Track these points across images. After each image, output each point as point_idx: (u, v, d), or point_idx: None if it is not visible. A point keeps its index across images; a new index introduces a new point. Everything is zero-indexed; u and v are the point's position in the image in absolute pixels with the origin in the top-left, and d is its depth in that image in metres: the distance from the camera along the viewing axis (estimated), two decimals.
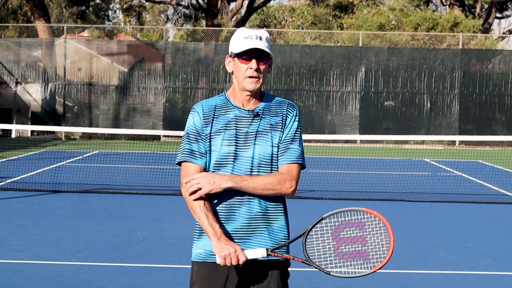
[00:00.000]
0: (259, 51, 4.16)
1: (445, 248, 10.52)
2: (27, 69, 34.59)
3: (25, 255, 9.41)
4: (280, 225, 4.27)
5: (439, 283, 8.47)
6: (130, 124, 33.54)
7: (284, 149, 4.25)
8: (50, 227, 11.46)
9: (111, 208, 13.60)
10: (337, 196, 15.63)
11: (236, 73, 4.22)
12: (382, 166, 22.93)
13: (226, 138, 4.18)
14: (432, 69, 33.97)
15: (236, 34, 4.23)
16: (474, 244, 10.89)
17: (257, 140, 4.18)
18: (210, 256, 4.19)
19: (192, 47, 35.71)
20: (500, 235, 11.85)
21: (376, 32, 39.59)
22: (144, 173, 18.96)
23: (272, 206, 4.21)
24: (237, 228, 4.17)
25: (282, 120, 4.25)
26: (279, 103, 4.31)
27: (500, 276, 8.99)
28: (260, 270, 4.22)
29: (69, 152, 26.19)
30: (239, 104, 4.25)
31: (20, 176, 17.86)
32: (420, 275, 8.95)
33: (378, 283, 8.35)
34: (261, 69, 4.19)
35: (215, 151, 4.19)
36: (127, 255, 9.56)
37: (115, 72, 35.23)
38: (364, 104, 33.70)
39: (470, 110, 33.81)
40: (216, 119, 4.21)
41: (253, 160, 4.16)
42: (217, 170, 4.17)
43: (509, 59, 35.26)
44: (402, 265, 9.35)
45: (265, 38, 4.20)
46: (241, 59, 4.19)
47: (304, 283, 8.18)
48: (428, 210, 14.42)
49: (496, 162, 25.27)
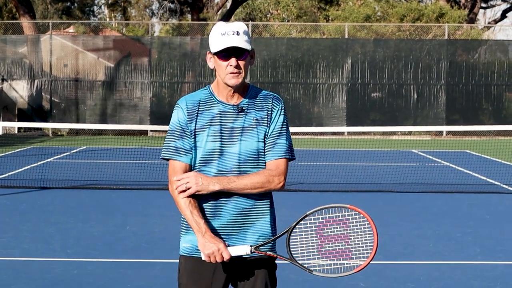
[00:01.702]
0: (237, 48, 4.12)
1: (434, 239, 10.56)
2: (13, 66, 34.46)
3: (14, 252, 9.39)
4: (266, 221, 4.26)
5: (428, 274, 8.49)
6: (117, 120, 33.48)
7: (271, 144, 4.23)
8: (39, 223, 11.43)
9: (100, 204, 13.57)
10: (326, 188, 15.65)
11: (218, 70, 4.18)
12: (370, 157, 22.98)
13: (211, 134, 4.15)
14: (418, 60, 34.03)
15: (213, 30, 4.17)
16: (463, 234, 10.93)
17: (243, 136, 4.16)
18: (197, 250, 4.19)
19: (178, 42, 35.67)
20: (488, 224, 11.90)
21: (362, 24, 39.60)
22: (132, 168, 18.93)
23: (259, 202, 4.20)
24: (223, 224, 4.16)
25: (267, 115, 4.22)
26: (264, 96, 4.27)
27: (489, 265, 9.03)
28: (247, 264, 4.22)
29: (57, 148, 26.12)
30: (223, 99, 4.22)
31: (7, 173, 17.81)
32: (409, 265, 8.98)
33: (368, 275, 8.37)
34: (241, 65, 4.14)
35: (200, 147, 4.16)
36: (116, 250, 9.55)
37: (101, 67, 35.15)
38: (351, 96, 33.73)
39: (456, 100, 33.89)
40: (201, 115, 4.18)
41: (239, 156, 4.14)
42: (203, 166, 4.15)
43: (495, 49, 35.35)
44: (392, 256, 9.37)
45: (243, 31, 4.13)
46: (220, 58, 4.15)
47: (293, 276, 8.19)
48: (416, 200, 14.45)
49: (484, 152, 25.35)
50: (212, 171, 4.13)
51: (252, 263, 4.22)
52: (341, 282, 8.09)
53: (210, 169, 4.14)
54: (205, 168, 4.15)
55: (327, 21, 48.39)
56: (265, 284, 4.24)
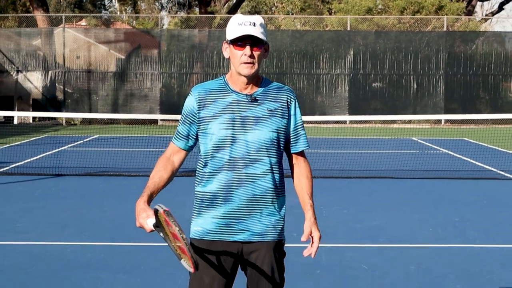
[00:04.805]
0: (253, 37, 4.11)
1: (433, 223, 10.57)
2: (28, 57, 34.49)
3: (30, 236, 9.44)
4: (275, 209, 4.25)
5: (428, 256, 8.51)
6: (128, 109, 33.51)
7: (296, 136, 4.29)
8: (54, 209, 11.47)
9: (112, 190, 13.62)
10: (328, 174, 15.66)
11: (232, 59, 4.18)
12: (371, 145, 22.98)
13: (224, 121, 4.14)
14: (418, 51, 33.97)
15: (231, 20, 4.18)
16: (461, 219, 10.94)
17: (256, 125, 4.14)
18: (207, 234, 4.20)
19: (187, 34, 35.63)
20: (485, 209, 11.91)
21: (363, 16, 39.50)
22: (143, 155, 18.96)
23: (271, 189, 4.19)
24: (234, 209, 4.15)
25: (283, 107, 4.22)
26: (277, 88, 4.27)
27: (487, 249, 9.04)
28: (255, 249, 4.22)
29: (70, 137, 26.16)
30: (237, 89, 4.21)
31: (23, 161, 17.85)
32: (410, 248, 9.00)
33: (368, 256, 8.40)
34: (255, 55, 4.13)
35: (213, 134, 4.16)
36: (129, 234, 9.58)
37: (112, 59, 35.15)
38: (353, 86, 33.70)
39: (455, 90, 33.84)
40: (214, 103, 4.17)
41: (252, 144, 4.14)
42: (216, 152, 4.15)
43: (491, 40, 35.28)
44: (393, 240, 9.39)
45: (259, 24, 4.13)
46: (235, 46, 4.14)
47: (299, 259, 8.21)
48: (416, 186, 14.46)
49: (481, 140, 25.33)
50: (225, 157, 4.14)
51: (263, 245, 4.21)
52: (343, 264, 8.12)
53: (222, 155, 4.14)
54: (217, 154, 4.15)
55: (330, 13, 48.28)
56: (271, 270, 4.22)
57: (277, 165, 4.22)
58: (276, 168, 4.20)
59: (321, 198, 12.70)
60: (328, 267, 7.98)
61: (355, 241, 9.34)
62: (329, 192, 13.38)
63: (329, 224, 10.40)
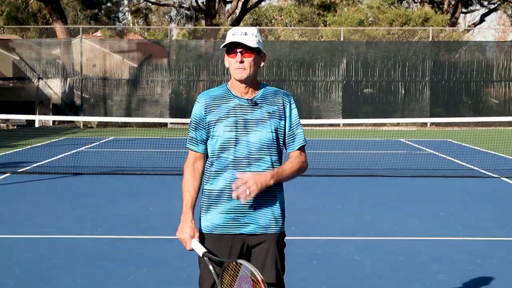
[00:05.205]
0: (242, 44, 4.12)
1: (420, 217, 10.56)
2: (48, 66, 34.51)
3: (51, 230, 9.43)
4: (277, 204, 4.26)
5: (415, 248, 8.51)
6: (140, 113, 33.53)
7: (292, 135, 4.27)
8: (73, 205, 11.47)
9: (126, 188, 13.61)
10: (324, 173, 15.65)
11: (229, 67, 4.22)
12: (363, 146, 22.97)
13: (228, 124, 4.16)
14: (405, 59, 33.96)
15: (228, 33, 4.23)
16: (445, 214, 10.93)
17: (257, 127, 4.15)
18: (216, 228, 4.22)
19: (194, 44, 35.65)
20: (468, 205, 11.89)
21: (356, 28, 39.48)
22: (154, 156, 18.96)
23: (272, 186, 4.18)
24: (239, 204, 4.17)
25: (280, 109, 4.22)
26: (274, 92, 4.28)
27: (469, 241, 9.03)
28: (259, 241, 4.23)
29: (87, 139, 26.16)
30: (238, 94, 4.22)
31: (44, 161, 17.85)
32: (398, 241, 8.99)
33: (361, 249, 8.39)
34: (245, 61, 4.14)
35: (218, 136, 4.17)
36: (141, 228, 9.58)
37: (126, 67, 35.16)
38: (346, 92, 33.70)
39: (439, 95, 33.83)
40: (218, 108, 4.19)
41: (254, 144, 4.15)
42: (221, 153, 4.17)
43: (474, 49, 35.25)
44: (383, 233, 9.39)
45: (251, 33, 4.14)
46: (229, 55, 4.18)
47: (297, 250, 8.21)
48: (404, 184, 14.45)
49: (464, 141, 25.31)
50: (230, 157, 4.15)
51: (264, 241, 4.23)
52: (337, 255, 8.11)
53: (227, 155, 4.16)
54: (223, 155, 4.17)
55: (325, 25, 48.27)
56: (275, 261, 4.24)
57: (278, 162, 4.23)
58: (277, 166, 4.21)
59: (316, 194, 12.69)
60: (324, 258, 7.97)
61: (349, 234, 9.34)
62: (324, 189, 13.37)
63: (324, 219, 10.40)
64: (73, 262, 7.68)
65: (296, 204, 11.33)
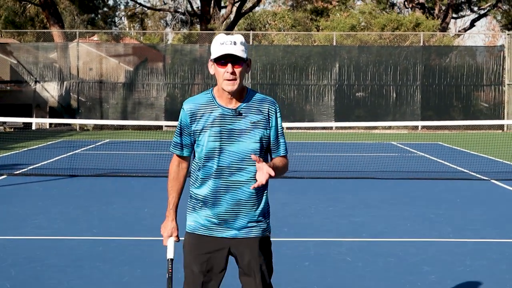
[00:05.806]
0: (234, 56, 4.06)
1: (411, 219, 10.55)
2: (45, 69, 34.47)
3: (46, 231, 9.39)
4: (259, 210, 4.23)
5: (407, 249, 8.49)
6: (136, 116, 33.51)
7: (276, 144, 4.26)
8: (68, 207, 11.43)
9: (121, 190, 13.58)
10: (316, 175, 15.65)
11: (216, 76, 4.14)
12: (355, 149, 22.97)
13: (212, 134, 4.12)
14: (397, 64, 34.01)
15: (214, 40, 4.12)
16: (436, 215, 10.93)
17: (241, 137, 4.12)
18: (199, 228, 4.23)
19: (189, 49, 35.65)
20: (459, 207, 11.89)
21: (348, 33, 39.52)
22: (149, 158, 18.92)
23: (254, 194, 4.18)
24: (222, 212, 4.17)
25: (265, 119, 4.18)
26: (260, 100, 4.22)
27: (459, 243, 9.03)
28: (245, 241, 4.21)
29: (83, 141, 26.12)
30: (223, 103, 4.16)
31: (40, 163, 17.81)
32: (390, 242, 8.98)
33: (353, 250, 8.37)
34: (236, 72, 4.07)
35: (202, 145, 4.16)
36: (136, 230, 9.55)
37: (122, 71, 35.13)
38: (339, 95, 33.73)
39: (430, 99, 33.88)
40: (202, 117, 4.15)
41: (237, 154, 4.12)
42: (206, 162, 4.16)
43: (464, 54, 35.34)
44: (374, 234, 9.37)
45: (240, 42, 4.07)
46: (219, 64, 4.09)
47: (289, 252, 8.19)
48: (396, 186, 14.45)
49: (454, 144, 25.34)
50: (214, 166, 4.14)
51: (249, 240, 4.21)
52: (329, 256, 8.09)
53: (212, 164, 4.15)
54: (207, 163, 4.16)
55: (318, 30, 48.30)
56: (259, 265, 4.21)
57: None
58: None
59: (309, 196, 12.67)
60: (316, 259, 7.95)
61: (340, 235, 9.32)
62: (317, 191, 13.35)
63: (316, 220, 10.38)
64: (68, 263, 7.64)
65: (288, 206, 11.31)
